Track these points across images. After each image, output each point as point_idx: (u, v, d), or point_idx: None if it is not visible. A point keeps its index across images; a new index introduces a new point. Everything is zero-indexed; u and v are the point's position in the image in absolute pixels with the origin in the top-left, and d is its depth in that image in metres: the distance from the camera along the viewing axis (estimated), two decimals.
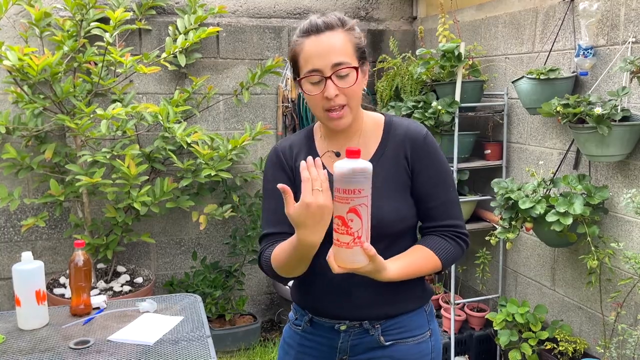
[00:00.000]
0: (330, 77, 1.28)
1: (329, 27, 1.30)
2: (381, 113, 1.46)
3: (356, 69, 1.31)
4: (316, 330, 1.45)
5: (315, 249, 1.24)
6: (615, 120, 2.17)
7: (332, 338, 1.42)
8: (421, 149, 1.37)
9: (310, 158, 1.18)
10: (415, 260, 1.33)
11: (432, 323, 1.47)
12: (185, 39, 3.09)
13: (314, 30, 1.30)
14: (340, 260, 1.18)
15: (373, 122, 1.42)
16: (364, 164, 1.13)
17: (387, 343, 1.39)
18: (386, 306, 1.39)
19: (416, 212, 1.39)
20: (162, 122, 2.94)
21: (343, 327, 1.40)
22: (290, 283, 1.51)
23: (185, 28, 3.22)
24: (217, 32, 3.21)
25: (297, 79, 1.35)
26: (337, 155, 1.41)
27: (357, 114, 1.38)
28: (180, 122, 3.03)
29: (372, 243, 1.18)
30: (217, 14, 3.47)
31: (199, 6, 3.27)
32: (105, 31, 2.80)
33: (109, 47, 2.83)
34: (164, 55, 3.07)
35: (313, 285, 1.42)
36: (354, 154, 1.13)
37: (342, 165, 1.13)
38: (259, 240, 1.45)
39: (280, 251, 1.33)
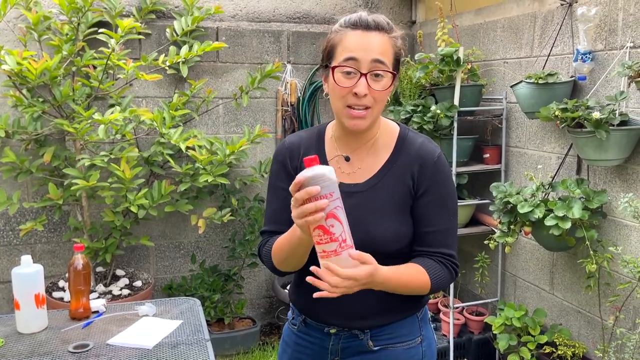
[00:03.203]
0: (365, 75, 1.25)
1: (378, 27, 1.28)
2: (397, 123, 1.43)
3: (393, 75, 1.28)
4: (309, 330, 1.47)
5: (304, 247, 1.26)
6: (614, 125, 2.18)
7: (323, 339, 1.44)
8: (430, 171, 1.34)
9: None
10: (407, 272, 1.31)
11: (425, 329, 1.46)
12: (189, 51, 3.08)
13: (363, 25, 1.27)
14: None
15: (387, 132, 1.40)
16: (325, 169, 1.13)
17: (376, 348, 1.40)
18: (377, 317, 1.39)
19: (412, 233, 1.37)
20: (157, 128, 2.93)
21: (333, 331, 1.42)
22: (289, 286, 1.52)
23: (183, 30, 3.23)
24: (222, 47, 3.17)
25: (330, 66, 1.29)
26: (347, 159, 1.39)
27: (376, 121, 1.35)
28: (177, 127, 3.03)
29: None
30: (216, 19, 3.48)
31: (197, 8, 3.28)
32: (111, 37, 2.79)
33: (109, 52, 2.83)
34: (163, 57, 3.06)
35: (306, 289, 1.41)
36: (312, 161, 1.13)
37: (306, 175, 1.12)
38: (260, 233, 1.48)
39: (278, 242, 1.35)
